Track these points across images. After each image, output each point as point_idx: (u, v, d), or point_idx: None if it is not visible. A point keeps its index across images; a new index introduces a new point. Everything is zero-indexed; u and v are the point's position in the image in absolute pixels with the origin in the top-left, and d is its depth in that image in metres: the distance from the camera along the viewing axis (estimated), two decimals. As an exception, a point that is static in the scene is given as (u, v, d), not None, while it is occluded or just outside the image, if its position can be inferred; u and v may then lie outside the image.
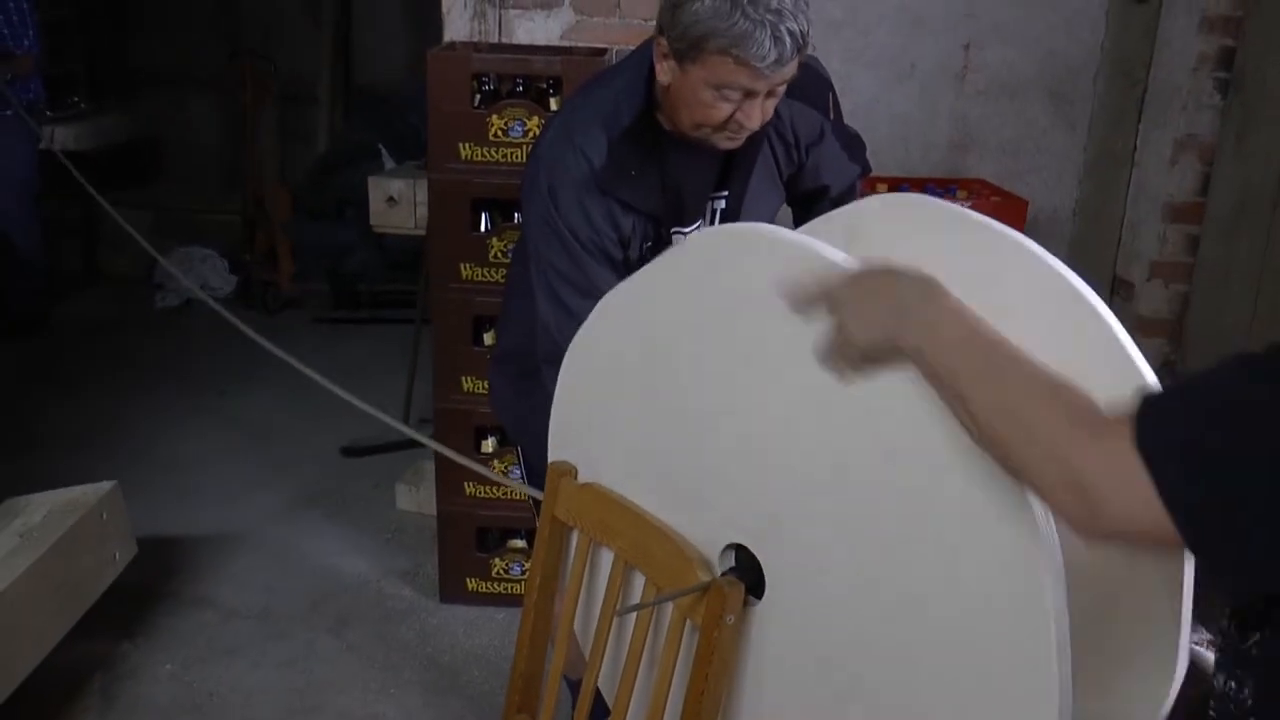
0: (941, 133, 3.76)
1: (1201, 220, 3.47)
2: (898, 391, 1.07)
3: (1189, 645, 1.17)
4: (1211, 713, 0.95)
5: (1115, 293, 3.63)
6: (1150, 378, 1.16)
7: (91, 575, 2.55)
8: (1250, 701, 0.90)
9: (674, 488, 1.35)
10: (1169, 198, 3.48)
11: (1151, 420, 0.86)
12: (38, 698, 2.41)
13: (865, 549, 1.15)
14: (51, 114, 4.81)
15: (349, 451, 3.83)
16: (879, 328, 1.04)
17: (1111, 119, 3.71)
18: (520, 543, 2.92)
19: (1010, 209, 3.40)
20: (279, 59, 5.51)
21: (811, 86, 1.81)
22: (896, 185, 3.50)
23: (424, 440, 2.38)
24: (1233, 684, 0.91)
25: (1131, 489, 0.85)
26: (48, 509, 2.58)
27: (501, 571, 2.92)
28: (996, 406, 0.95)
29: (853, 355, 1.07)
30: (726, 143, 1.68)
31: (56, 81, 4.82)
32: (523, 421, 1.95)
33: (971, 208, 3.34)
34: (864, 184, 2.06)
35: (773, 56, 1.51)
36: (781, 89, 1.61)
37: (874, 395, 1.10)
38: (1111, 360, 1.18)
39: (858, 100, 3.30)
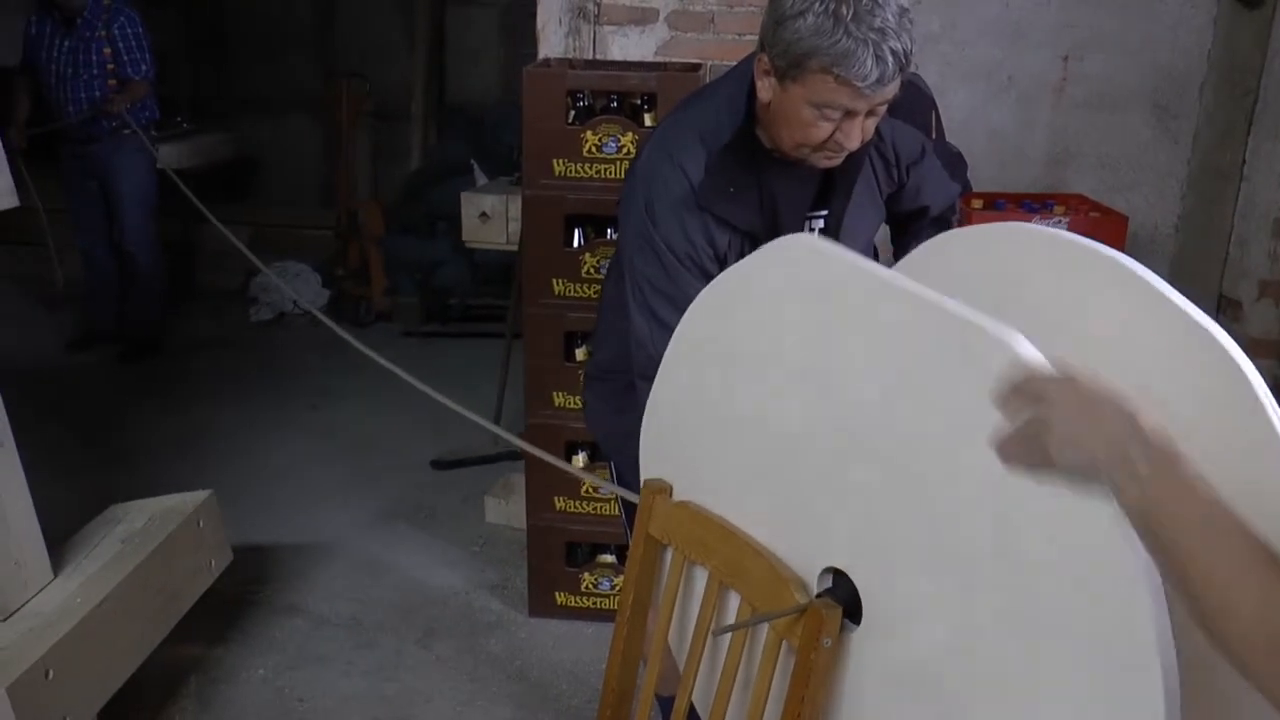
0: (1039, 147, 3.68)
1: (1315, 237, 3.34)
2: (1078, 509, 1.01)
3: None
4: None
5: (1222, 312, 3.51)
6: (1269, 402, 1.11)
7: (188, 581, 2.60)
8: None
9: (771, 507, 1.33)
10: (1280, 213, 3.36)
11: None
12: (136, 699, 2.47)
13: (965, 588, 1.11)
14: (158, 134, 4.97)
15: (438, 464, 3.87)
16: (1086, 454, 0.96)
17: (1218, 131, 3.59)
18: (609, 558, 2.91)
19: (1109, 225, 3.32)
20: (374, 78, 5.63)
21: (914, 104, 1.78)
22: (992, 201, 3.43)
23: (517, 443, 2.38)
24: None
25: None
26: (148, 516, 2.64)
27: (590, 586, 2.92)
28: (1206, 577, 0.89)
29: (1039, 461, 1.00)
30: (826, 162, 1.65)
31: (163, 103, 4.99)
32: (617, 437, 1.94)
33: (1069, 223, 3.29)
34: (961, 200, 2.02)
35: (875, 76, 1.48)
36: (883, 108, 1.59)
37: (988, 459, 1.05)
38: (1227, 384, 1.13)
39: (953, 114, 3.23)
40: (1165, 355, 1.17)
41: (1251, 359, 1.16)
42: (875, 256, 1.85)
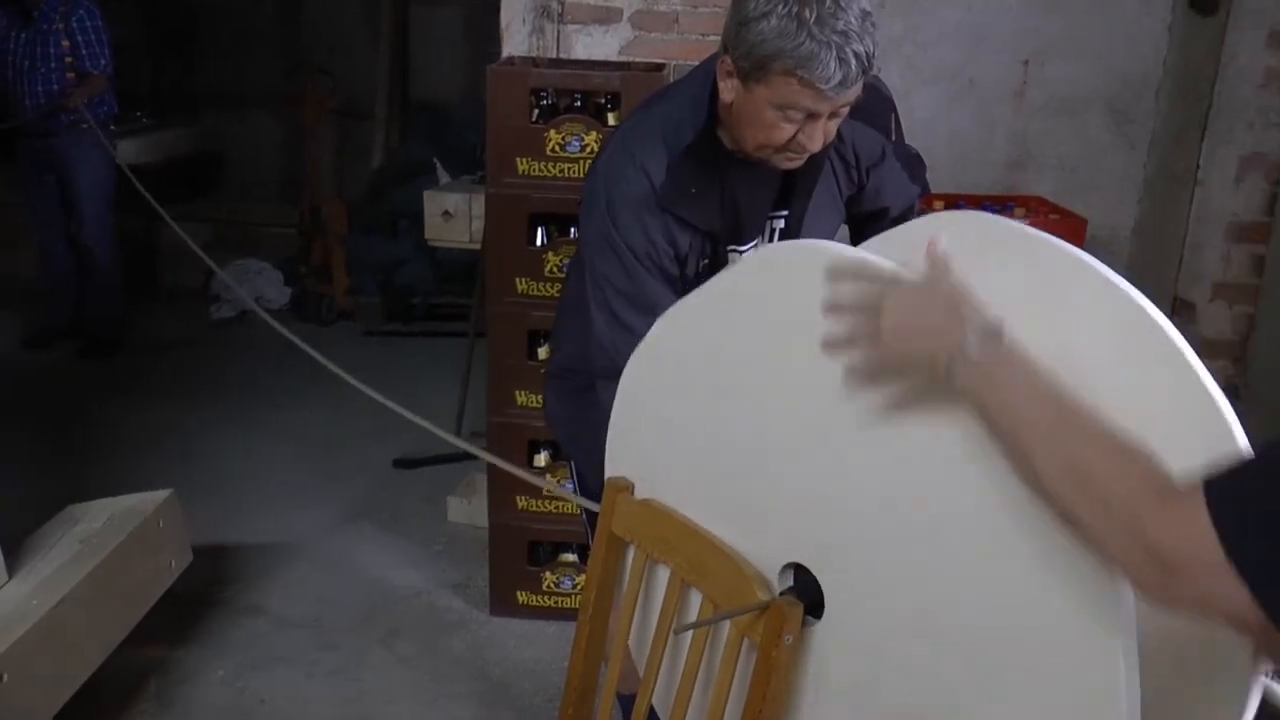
0: (999, 150, 3.72)
1: (1268, 240, 3.40)
2: (956, 446, 1.06)
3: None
4: None
5: (1176, 313, 3.57)
6: (1217, 396, 1.13)
7: (148, 581, 2.58)
8: None
9: (733, 505, 1.34)
10: (1234, 217, 3.42)
11: (1222, 488, 0.84)
12: (95, 701, 2.44)
13: (922, 580, 1.13)
14: (117, 128, 4.91)
15: (401, 464, 3.85)
16: (916, 344, 1.02)
17: (1174, 136, 3.64)
18: (572, 556, 2.92)
19: (1068, 227, 3.36)
20: (338, 75, 5.60)
21: (874, 106, 1.80)
22: (953, 203, 3.46)
23: (476, 452, 2.39)
24: None
25: (1206, 560, 0.83)
26: (106, 516, 2.62)
27: (553, 585, 2.92)
28: (1065, 469, 0.92)
29: (875, 362, 1.05)
30: (787, 163, 1.66)
31: (122, 97, 4.93)
32: (577, 436, 1.95)
33: (1029, 225, 3.30)
34: (922, 203, 2.04)
35: (838, 78, 1.50)
36: (845, 110, 1.60)
37: (939, 439, 1.08)
38: (1177, 378, 1.15)
39: (915, 116, 3.26)
40: (1122, 351, 1.18)
41: (1206, 359, 1.19)
42: None
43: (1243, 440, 1.13)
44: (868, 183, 1.86)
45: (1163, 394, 1.14)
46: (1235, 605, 0.83)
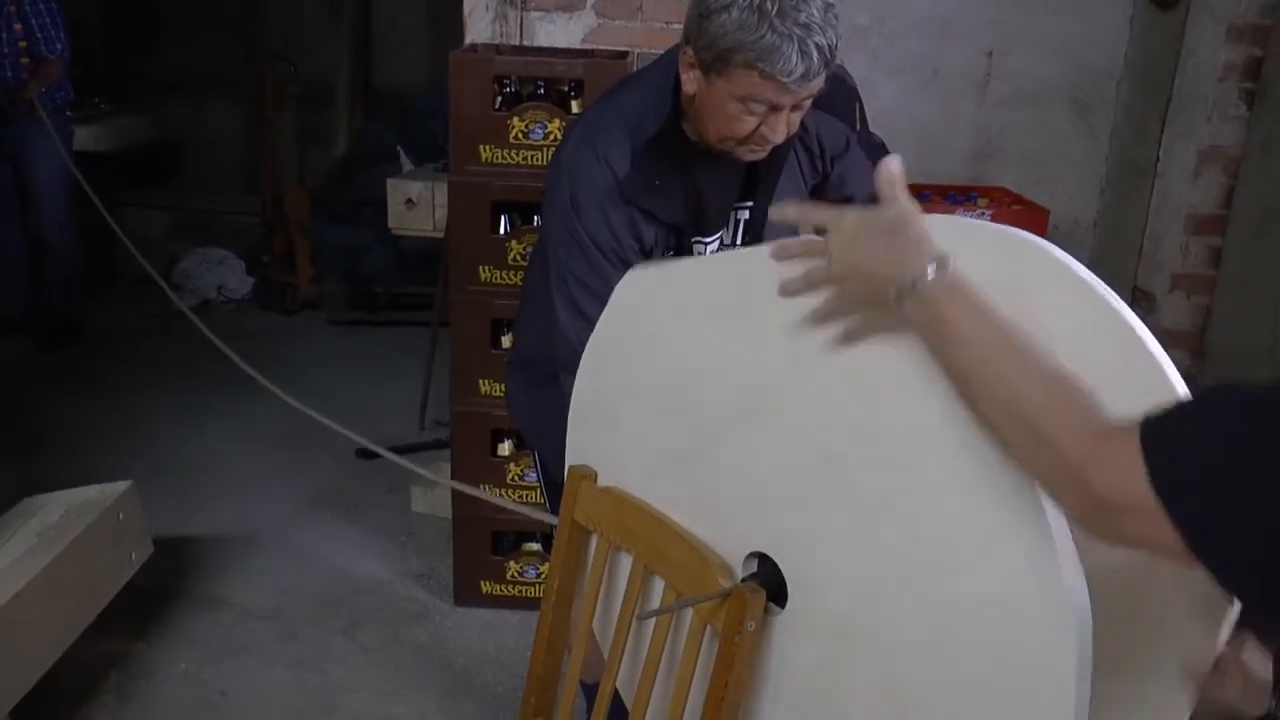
0: (963, 140, 3.74)
1: (1224, 232, 3.44)
2: (919, 421, 1.07)
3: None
4: None
5: (1136, 304, 3.59)
6: (1179, 385, 1.14)
7: (107, 574, 2.55)
8: None
9: (695, 493, 1.34)
10: (1192, 209, 3.46)
11: (1155, 429, 0.87)
12: (54, 695, 2.41)
13: (885, 566, 1.14)
14: (73, 114, 4.83)
15: (364, 453, 3.82)
16: (869, 278, 1.03)
17: (1135, 129, 3.68)
18: (535, 546, 2.91)
19: (1031, 218, 3.38)
20: (299, 62, 5.54)
21: (838, 97, 1.80)
22: (917, 193, 3.46)
23: (517, 507, 2.34)
24: None
25: (1139, 498, 0.85)
26: (64, 508, 2.58)
27: (516, 574, 2.91)
28: (1005, 404, 0.94)
29: (836, 293, 1.06)
30: (750, 155, 1.66)
31: (79, 83, 4.85)
32: (540, 426, 1.94)
33: (992, 216, 3.35)
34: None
35: (800, 71, 1.49)
36: (808, 102, 1.60)
37: (896, 416, 1.09)
38: (1141, 370, 1.16)
39: (880, 107, 3.28)
40: (1085, 342, 1.19)
41: (1164, 350, 1.20)
42: None
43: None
44: (832, 172, 1.87)
45: (1128, 387, 1.15)
46: (1168, 541, 0.85)
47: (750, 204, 1.80)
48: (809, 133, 1.78)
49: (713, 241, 1.79)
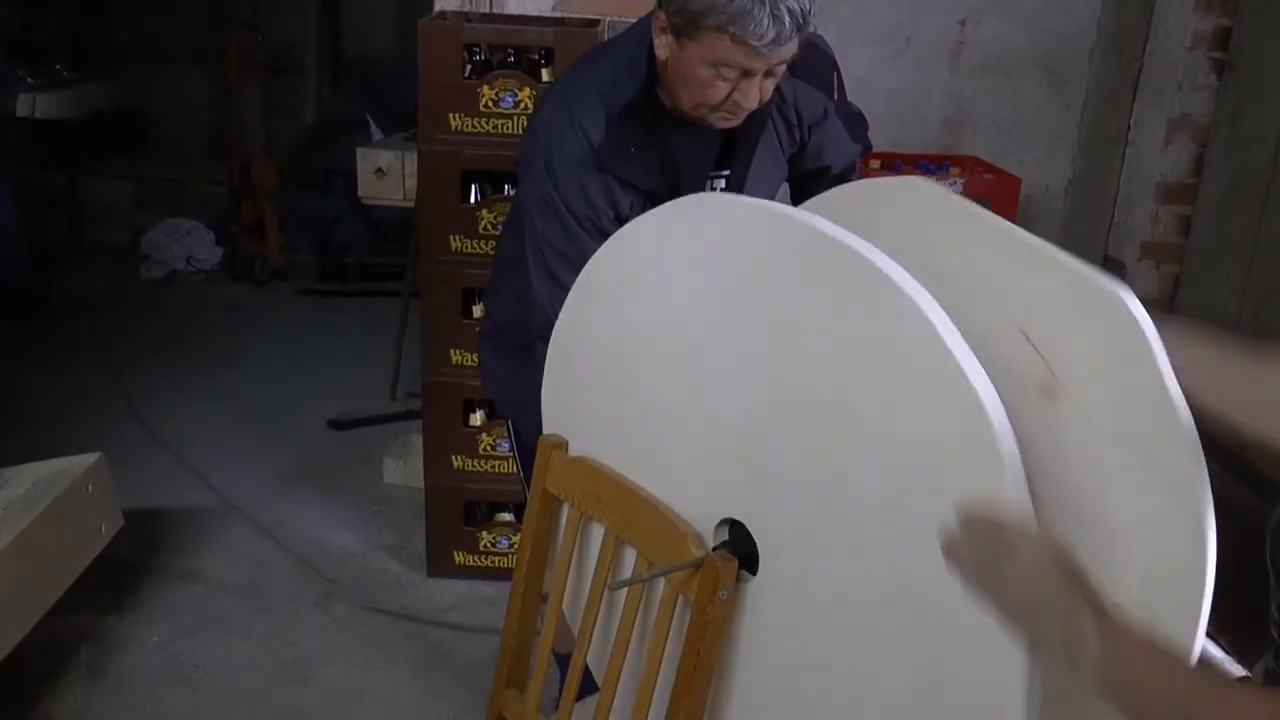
0: (936, 109, 3.73)
1: (1194, 201, 3.45)
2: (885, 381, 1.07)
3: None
4: None
5: (1107, 272, 3.61)
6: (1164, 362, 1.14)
7: (76, 548, 2.53)
8: None
9: (667, 461, 1.34)
10: (1162, 178, 3.46)
11: None
12: (24, 671, 2.39)
13: (858, 533, 1.14)
14: (32, 80, 4.72)
15: (336, 424, 3.82)
16: (1036, 612, 0.99)
17: (1106, 98, 3.68)
18: (508, 516, 2.91)
19: (1003, 187, 3.39)
20: (266, 29, 5.46)
21: (816, 65, 1.79)
22: (890, 162, 3.47)
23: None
24: None
25: None
26: (31, 481, 2.55)
27: (489, 545, 2.91)
28: None
29: (988, 593, 1.01)
30: (724, 122, 1.65)
31: (38, 50, 4.74)
32: (513, 395, 1.93)
33: (964, 184, 3.33)
34: (862, 161, 2.04)
35: (771, 35, 1.48)
36: (782, 69, 1.59)
37: (886, 405, 1.09)
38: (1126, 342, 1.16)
39: (853, 76, 3.25)
40: (1064, 315, 1.20)
41: None
42: None
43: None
44: (810, 141, 1.86)
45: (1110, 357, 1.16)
46: None
47: (727, 173, 1.79)
48: (787, 102, 1.77)
49: None
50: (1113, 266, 3.63)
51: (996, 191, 3.33)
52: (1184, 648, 1.10)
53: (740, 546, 1.26)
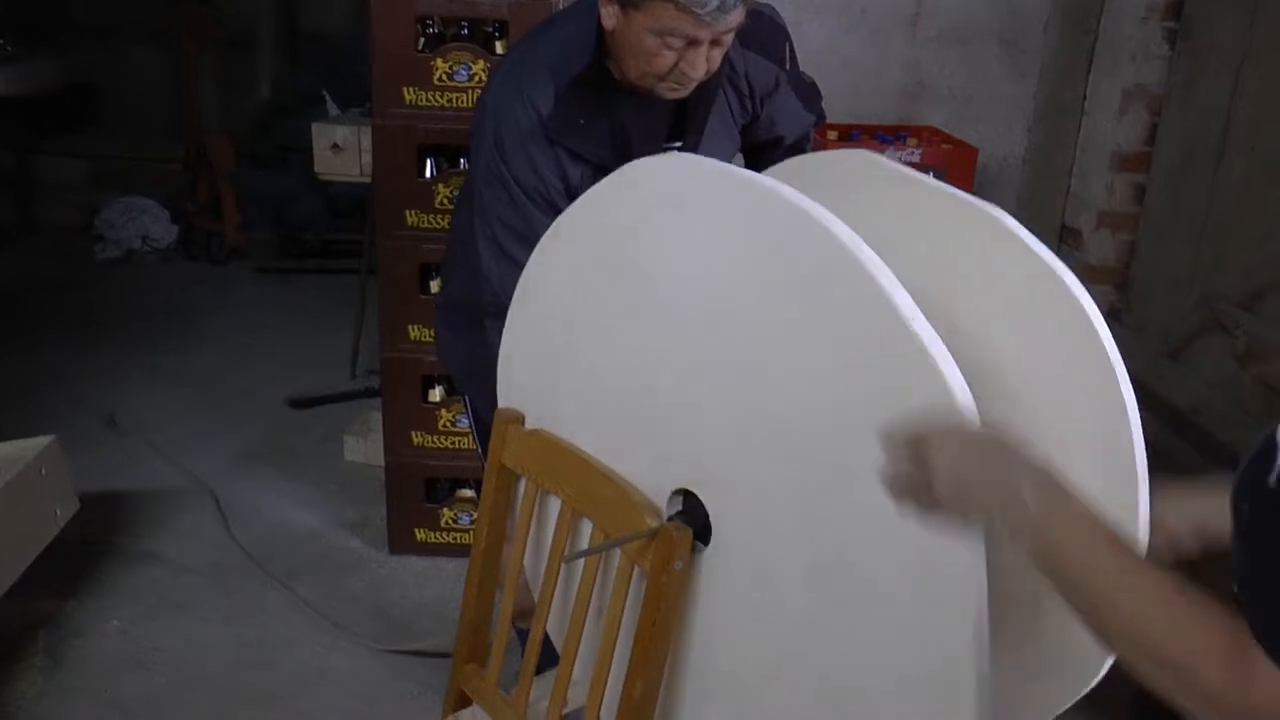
0: (892, 80, 3.74)
1: (1148, 170, 3.49)
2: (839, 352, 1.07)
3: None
4: None
5: (1064, 241, 3.65)
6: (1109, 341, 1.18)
7: (30, 532, 2.50)
8: None
9: (621, 432, 1.34)
10: (1117, 147, 3.49)
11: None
12: (-21, 656, 2.37)
13: (807, 503, 1.15)
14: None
15: (296, 403, 3.79)
16: (973, 501, 0.99)
17: (1062, 68, 3.70)
18: (469, 492, 2.91)
19: (960, 157, 3.40)
20: (222, 4, 5.38)
21: (768, 36, 1.79)
22: (847, 133, 3.48)
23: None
24: None
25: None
26: (-17, 464, 2.52)
27: (450, 521, 2.91)
28: (1124, 628, 0.90)
29: (925, 500, 1.02)
30: (672, 93, 1.65)
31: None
32: (469, 369, 1.93)
33: (922, 155, 3.35)
34: (816, 131, 2.05)
35: (715, 4, 1.49)
36: (729, 38, 1.59)
37: (836, 367, 1.09)
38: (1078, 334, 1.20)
39: (808, 47, 3.25)
40: (1012, 290, 1.23)
41: (1089, 285, 1.23)
42: None
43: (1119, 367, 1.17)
44: (762, 112, 1.86)
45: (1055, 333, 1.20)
46: None
47: (679, 144, 1.79)
48: (738, 72, 1.77)
49: None
50: (1069, 235, 3.66)
51: (953, 161, 3.35)
52: None
53: (694, 517, 1.27)
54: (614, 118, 1.69)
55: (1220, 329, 3.01)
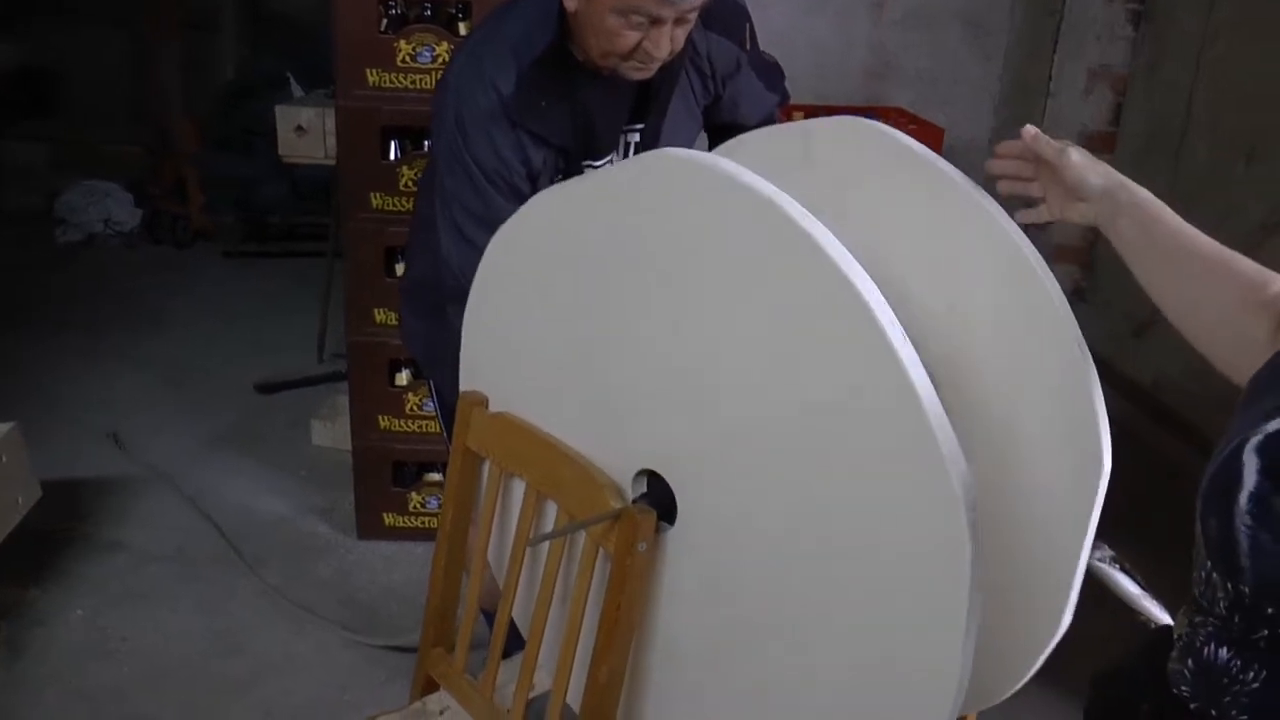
0: (858, 61, 3.75)
1: (1114, 149, 3.51)
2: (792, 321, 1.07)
3: (1084, 570, 1.20)
4: (1185, 669, 0.96)
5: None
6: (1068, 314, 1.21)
7: (-9, 520, 2.47)
8: (1257, 685, 0.90)
9: (585, 414, 1.34)
10: (1083, 127, 3.52)
11: None
12: (-62, 647, 2.34)
13: (771, 484, 1.15)
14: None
15: (263, 388, 3.76)
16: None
17: (1027, 49, 3.72)
18: (437, 476, 2.89)
19: (926, 137, 3.38)
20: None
21: (729, 17, 1.79)
22: (813, 114, 3.47)
23: None
24: (1237, 662, 0.91)
25: None
26: (-59, 452, 2.49)
27: (419, 506, 2.90)
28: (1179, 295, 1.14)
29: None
30: (636, 73, 1.64)
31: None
32: (433, 354, 1.92)
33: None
34: (782, 112, 2.04)
35: None
36: (692, 16, 1.58)
37: (791, 344, 1.09)
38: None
39: (774, 28, 3.25)
40: (976, 259, 1.25)
41: (1056, 264, 1.24)
42: None
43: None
44: (724, 93, 1.86)
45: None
46: None
47: (640, 126, 1.78)
48: (700, 54, 1.76)
49: (604, 164, 1.77)
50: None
51: (920, 141, 3.35)
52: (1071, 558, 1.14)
53: (658, 498, 1.27)
54: (576, 100, 1.68)
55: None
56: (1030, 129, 1.28)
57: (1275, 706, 0.87)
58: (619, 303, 1.27)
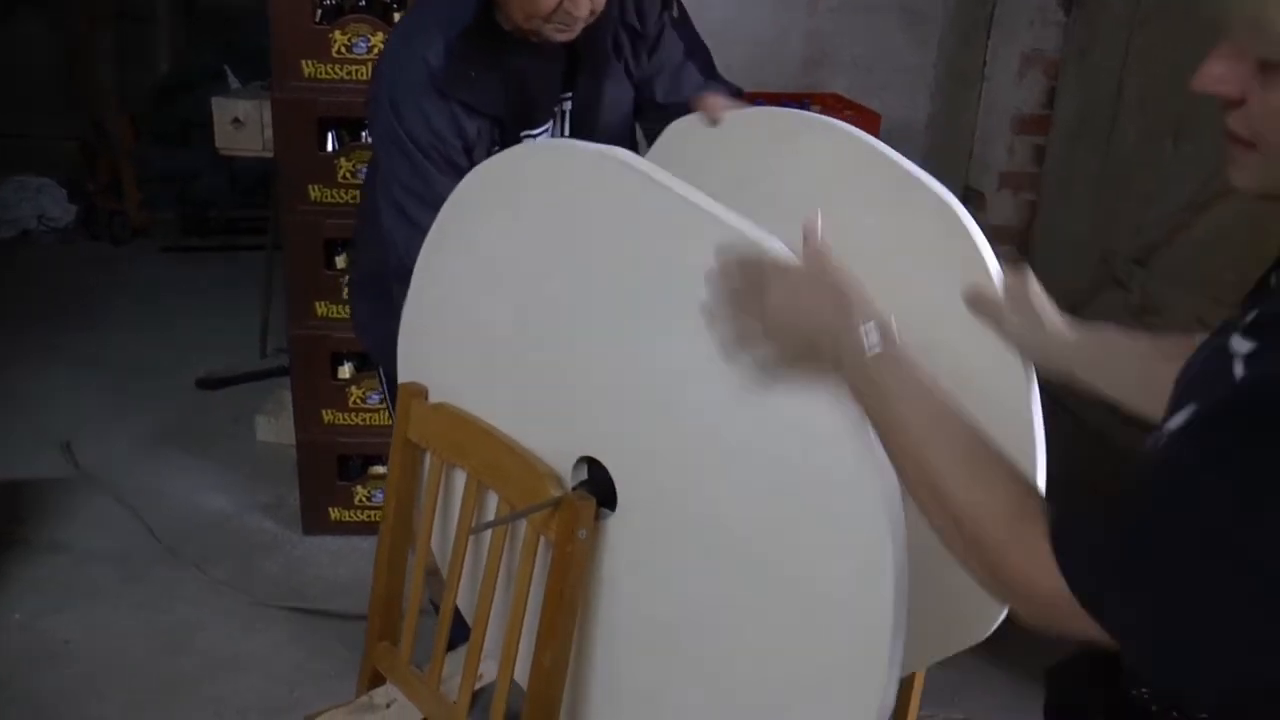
0: (795, 49, 3.77)
1: (1047, 132, 3.57)
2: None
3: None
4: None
5: (968, 203, 3.69)
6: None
7: (-75, 523, 2.43)
8: None
9: (524, 403, 1.35)
10: (1017, 111, 3.56)
11: (1062, 525, 0.84)
12: None
13: (708, 471, 1.16)
14: None
15: (205, 384, 3.72)
16: (805, 332, 1.00)
17: (961, 35, 3.76)
18: (382, 469, 2.88)
19: (863, 122, 3.40)
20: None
21: None
22: (752, 101, 3.49)
23: None
24: None
25: (1051, 591, 0.83)
26: (-127, 456, 2.44)
27: (364, 499, 2.89)
28: (925, 479, 0.92)
29: (753, 340, 1.03)
30: (559, 34, 1.65)
31: None
32: (383, 343, 1.91)
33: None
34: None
35: None
36: None
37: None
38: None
39: (711, 17, 3.26)
40: (919, 238, 1.32)
41: (993, 244, 1.27)
42: (633, 142, 1.87)
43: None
44: (658, 48, 1.84)
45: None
46: (1092, 629, 0.82)
47: (570, 94, 1.79)
48: (627, 7, 1.76)
49: (541, 134, 1.78)
50: (973, 197, 3.73)
51: (857, 126, 3.38)
52: None
53: (598, 485, 1.28)
54: (506, 68, 1.69)
55: (1116, 284, 3.10)
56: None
57: (1239, 705, 0.83)
58: (559, 290, 1.28)
